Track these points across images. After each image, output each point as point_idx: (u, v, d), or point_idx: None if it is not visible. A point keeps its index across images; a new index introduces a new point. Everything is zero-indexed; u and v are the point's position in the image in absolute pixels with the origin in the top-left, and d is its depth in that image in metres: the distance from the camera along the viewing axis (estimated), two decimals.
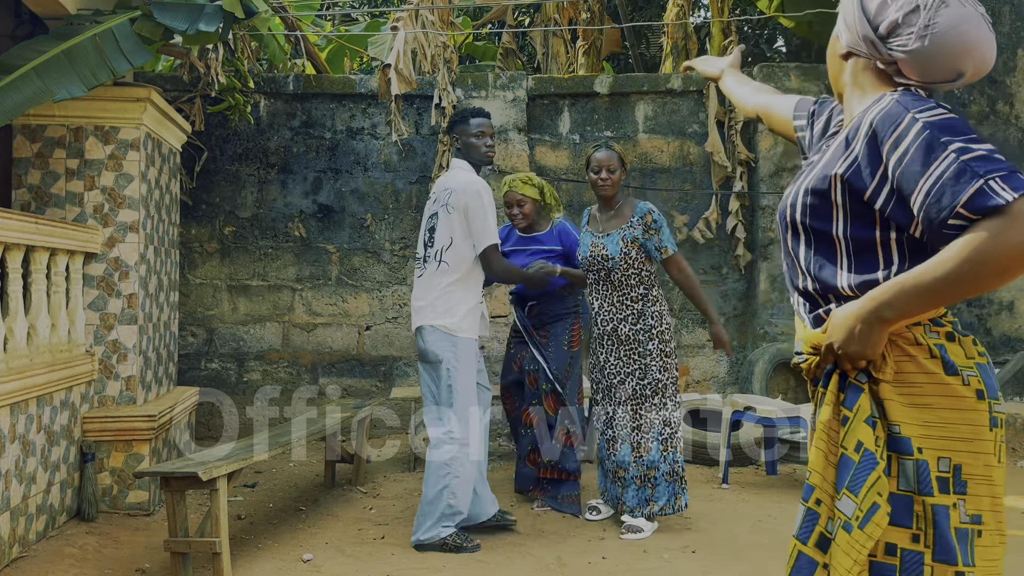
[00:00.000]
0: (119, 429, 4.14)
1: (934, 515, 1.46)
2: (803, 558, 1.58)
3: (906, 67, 1.54)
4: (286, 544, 3.74)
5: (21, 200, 4.30)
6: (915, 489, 1.47)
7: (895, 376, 1.50)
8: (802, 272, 1.65)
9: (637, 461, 3.77)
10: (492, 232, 3.67)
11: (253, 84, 6.11)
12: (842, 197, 1.54)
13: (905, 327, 1.50)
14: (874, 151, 1.48)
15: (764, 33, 10.28)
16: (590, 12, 7.61)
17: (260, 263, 6.21)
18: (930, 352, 1.50)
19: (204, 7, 4.37)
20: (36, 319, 3.81)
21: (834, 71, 1.71)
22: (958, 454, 1.48)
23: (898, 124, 1.45)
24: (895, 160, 1.44)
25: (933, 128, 1.41)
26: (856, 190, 1.52)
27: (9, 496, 3.39)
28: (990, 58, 1.51)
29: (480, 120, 3.82)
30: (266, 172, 6.23)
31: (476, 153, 3.81)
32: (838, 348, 1.51)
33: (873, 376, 1.52)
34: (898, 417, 1.50)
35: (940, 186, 1.37)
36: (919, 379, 1.50)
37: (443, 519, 3.60)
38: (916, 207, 1.42)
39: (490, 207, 3.68)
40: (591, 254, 3.86)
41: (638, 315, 3.80)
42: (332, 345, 6.19)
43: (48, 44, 4.09)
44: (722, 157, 6.16)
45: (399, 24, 5.50)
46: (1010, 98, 6.32)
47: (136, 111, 4.34)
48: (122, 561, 3.51)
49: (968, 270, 1.34)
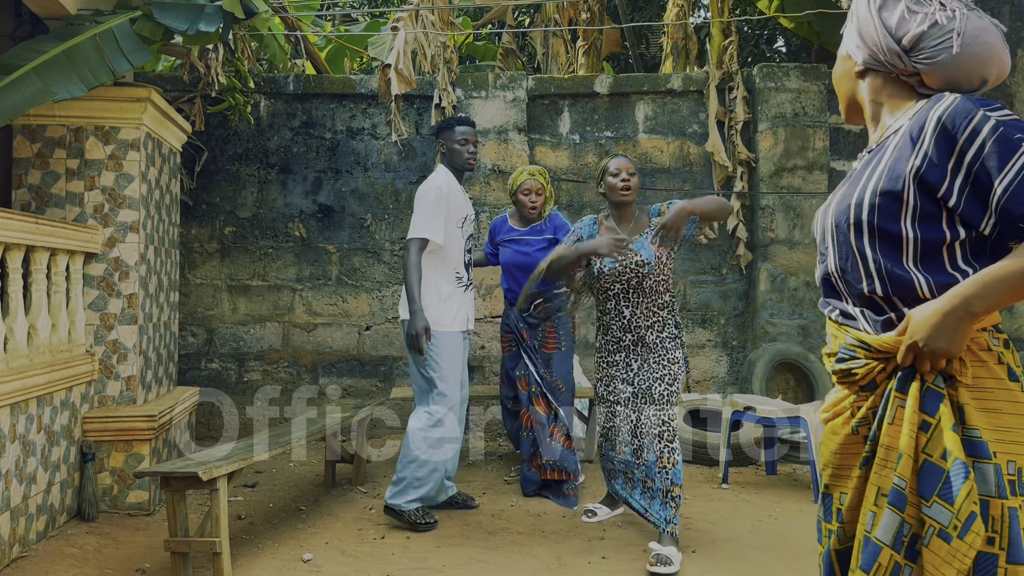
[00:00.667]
0: (119, 429, 4.14)
1: (1009, 518, 1.48)
2: (898, 567, 1.57)
3: (930, 77, 1.59)
4: (286, 544, 3.74)
5: (21, 200, 4.30)
6: (993, 492, 1.49)
7: (972, 380, 1.53)
8: (869, 275, 1.63)
9: (661, 473, 3.60)
10: (426, 227, 3.90)
11: (253, 84, 6.12)
12: (914, 196, 1.55)
13: (979, 331, 1.54)
14: (946, 146, 1.51)
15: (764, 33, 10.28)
16: (590, 12, 7.61)
17: (260, 263, 6.21)
18: (998, 358, 1.54)
19: (204, 7, 4.37)
20: (36, 319, 3.81)
21: (847, 90, 1.75)
22: (1022, 457, 1.50)
23: (971, 119, 1.48)
24: (972, 154, 1.47)
25: (1007, 126, 1.46)
26: (930, 185, 1.53)
27: (9, 496, 3.39)
28: (1008, 64, 1.59)
29: (465, 128, 4.10)
30: (266, 172, 6.23)
31: (458, 159, 4.09)
32: (923, 345, 1.51)
33: (950, 380, 1.53)
34: (977, 422, 1.51)
35: (1020, 182, 1.42)
36: (990, 384, 1.53)
37: (409, 490, 3.91)
38: (994, 201, 1.45)
39: (435, 205, 3.92)
40: (620, 264, 3.68)
41: (663, 323, 3.70)
42: (332, 345, 6.19)
43: (48, 44, 4.09)
44: (722, 157, 6.17)
45: (399, 24, 5.51)
46: (1010, 98, 6.31)
47: (136, 111, 4.34)
48: (122, 561, 3.52)
49: None
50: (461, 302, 4.05)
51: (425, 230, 3.90)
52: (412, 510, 3.93)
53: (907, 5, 1.61)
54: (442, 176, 4.06)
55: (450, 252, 4.02)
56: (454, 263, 4.04)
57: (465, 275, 4.13)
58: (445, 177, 4.06)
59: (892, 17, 1.62)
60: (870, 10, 1.66)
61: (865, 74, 1.70)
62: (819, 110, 6.13)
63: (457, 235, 4.04)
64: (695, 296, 6.28)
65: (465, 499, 4.32)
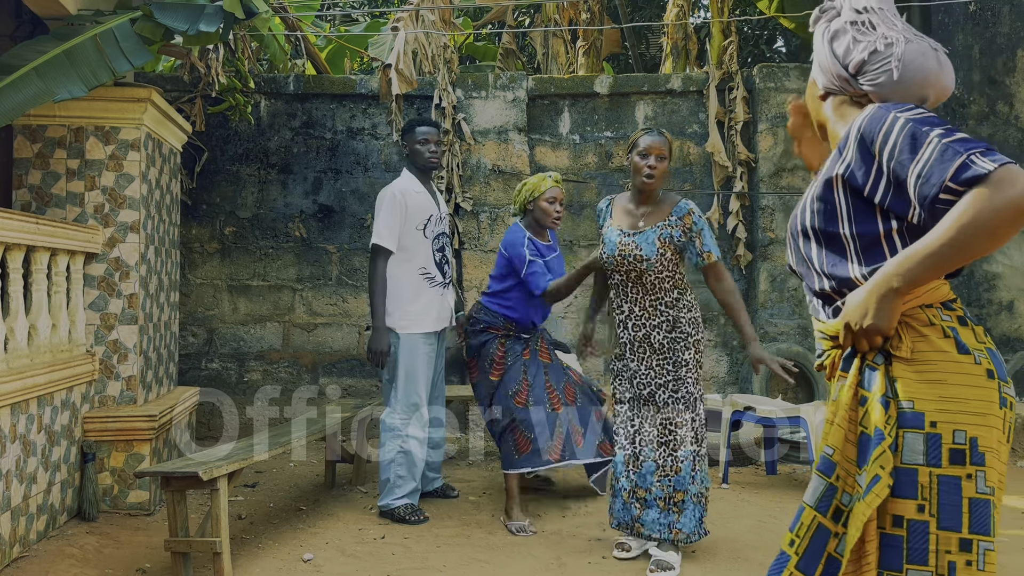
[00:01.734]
0: (120, 429, 4.14)
1: (939, 485, 1.56)
2: (821, 528, 1.70)
3: (876, 97, 1.76)
4: (286, 544, 3.74)
5: (22, 200, 4.30)
6: (924, 461, 1.58)
7: (911, 355, 1.63)
8: (818, 274, 1.79)
9: (662, 480, 3.38)
10: (383, 234, 4.01)
11: (253, 84, 6.12)
12: (844, 197, 1.72)
13: (919, 308, 1.64)
14: (865, 151, 1.67)
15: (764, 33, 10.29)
16: (590, 12, 7.61)
17: (260, 263, 6.21)
18: (943, 332, 1.63)
19: (204, 7, 4.37)
20: (37, 319, 3.81)
21: (815, 111, 1.94)
22: (974, 428, 1.58)
23: (883, 122, 1.64)
24: (887, 153, 1.62)
25: (915, 122, 1.61)
26: (856, 188, 1.69)
27: (10, 496, 3.39)
28: (950, 84, 1.75)
29: (425, 128, 4.17)
30: (266, 172, 6.23)
31: (419, 159, 4.16)
32: (855, 325, 1.64)
33: (889, 357, 1.64)
34: (911, 394, 1.61)
35: (929, 167, 1.55)
36: (934, 357, 1.62)
37: (395, 489, 4.02)
38: (911, 191, 1.59)
39: (389, 211, 4.01)
40: (620, 253, 3.41)
41: (672, 322, 3.41)
42: (332, 345, 6.19)
43: (48, 44, 4.09)
44: (722, 157, 6.17)
45: (399, 24, 5.51)
46: (1010, 98, 6.32)
47: (137, 111, 4.34)
48: (123, 561, 3.52)
49: (963, 234, 1.49)
50: (429, 302, 4.11)
51: (381, 237, 4.02)
52: (401, 506, 4.02)
53: (853, 35, 1.78)
54: (400, 181, 4.16)
55: (414, 253, 4.08)
56: (418, 263, 4.09)
57: (437, 274, 4.16)
58: (403, 182, 4.15)
59: (840, 47, 1.80)
60: (823, 40, 1.85)
61: (826, 97, 1.88)
62: None
63: (418, 237, 4.09)
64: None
65: (445, 489, 4.48)
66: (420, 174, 4.20)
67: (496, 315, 4.09)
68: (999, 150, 6.91)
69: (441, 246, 4.23)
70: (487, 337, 4.08)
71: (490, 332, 4.09)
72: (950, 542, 1.56)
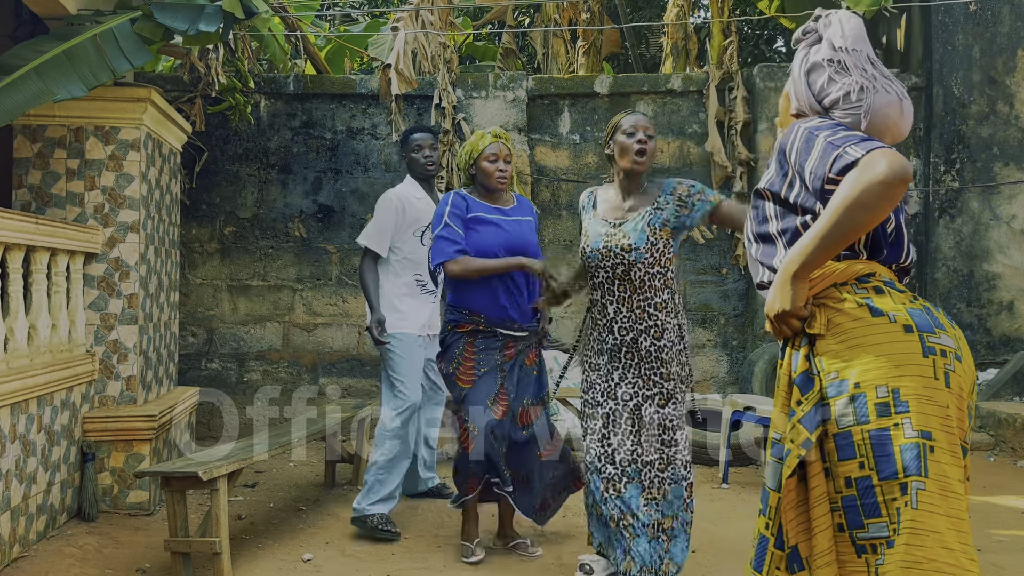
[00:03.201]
0: (119, 429, 4.14)
1: (871, 439, 1.70)
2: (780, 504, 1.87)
3: None
4: (286, 544, 3.74)
5: (22, 200, 4.30)
6: (854, 421, 1.72)
7: (830, 329, 1.79)
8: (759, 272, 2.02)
9: (649, 505, 2.97)
10: (371, 235, 4.03)
11: (253, 84, 6.12)
12: (772, 203, 1.98)
13: (832, 288, 1.83)
14: (782, 159, 1.95)
15: (764, 33, 10.29)
16: (590, 12, 7.61)
17: (260, 263, 6.21)
18: (856, 303, 1.80)
19: (204, 7, 4.37)
20: (37, 319, 3.81)
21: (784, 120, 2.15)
22: (895, 380, 1.71)
23: (794, 135, 1.91)
24: (793, 158, 1.89)
25: (811, 129, 1.88)
26: (775, 193, 1.96)
27: (10, 496, 3.39)
28: (906, 131, 1.97)
29: (419, 135, 4.17)
30: (266, 172, 6.23)
31: (415, 166, 4.16)
32: (771, 313, 1.85)
33: (812, 339, 1.82)
34: (833, 365, 1.77)
35: (815, 164, 1.81)
36: (850, 326, 1.78)
37: (370, 494, 3.85)
38: (808, 186, 1.85)
39: (383, 217, 4.02)
40: (604, 246, 3.02)
41: (661, 328, 3.01)
42: (332, 345, 6.19)
43: (48, 44, 4.09)
44: (722, 157, 6.17)
45: (399, 24, 5.51)
46: (1010, 98, 6.32)
47: (136, 111, 4.34)
48: (122, 561, 3.52)
49: (843, 213, 1.71)
50: (419, 306, 4.09)
51: (369, 238, 4.04)
52: (375, 515, 3.79)
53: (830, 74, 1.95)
54: (401, 187, 4.16)
55: (410, 259, 4.08)
56: (412, 269, 4.09)
57: (430, 282, 4.13)
58: (404, 188, 4.15)
59: (816, 82, 1.99)
60: (800, 72, 2.02)
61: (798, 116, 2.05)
62: None
63: (415, 244, 4.07)
64: (695, 296, 6.28)
65: (441, 488, 4.45)
66: (420, 181, 4.20)
67: (459, 310, 3.50)
68: (999, 150, 6.87)
69: None
70: (454, 337, 3.51)
71: (457, 331, 3.50)
72: (892, 489, 1.67)
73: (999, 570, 3.41)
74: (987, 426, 5.71)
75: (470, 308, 3.48)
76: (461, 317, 3.51)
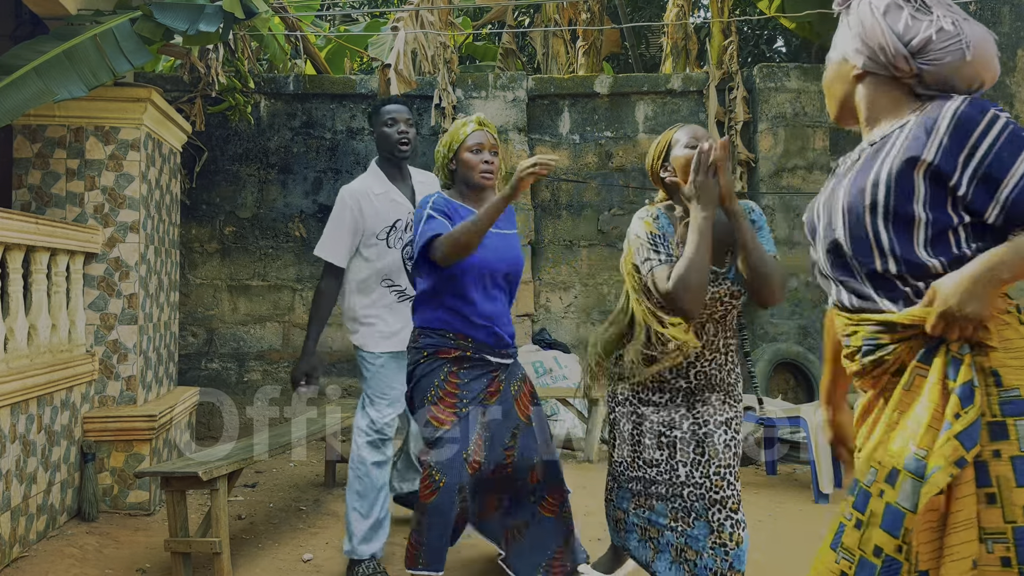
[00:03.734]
0: (119, 429, 4.14)
1: None
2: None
3: (933, 78, 1.71)
4: (286, 544, 3.74)
5: (21, 200, 4.30)
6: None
7: (1000, 343, 1.60)
8: (881, 254, 1.70)
9: (716, 550, 2.58)
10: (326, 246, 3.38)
11: (253, 84, 6.12)
12: (926, 183, 1.65)
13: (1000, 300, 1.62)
14: (961, 139, 1.62)
15: (764, 33, 10.29)
16: (590, 12, 7.62)
17: (260, 263, 6.21)
18: (1019, 319, 1.63)
19: (204, 7, 4.37)
20: (37, 319, 3.81)
21: (840, 92, 1.85)
22: None
23: (984, 115, 1.61)
24: (985, 148, 1.60)
25: (1016, 126, 1.61)
26: (943, 174, 1.63)
27: (10, 496, 3.39)
28: (998, 70, 1.73)
29: (391, 107, 3.51)
30: (266, 172, 6.23)
31: (386, 143, 3.45)
32: (957, 309, 1.57)
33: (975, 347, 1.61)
34: (1015, 381, 1.58)
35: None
36: (1019, 343, 1.61)
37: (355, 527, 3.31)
38: (1003, 195, 1.58)
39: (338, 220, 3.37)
40: (712, 296, 2.56)
41: (725, 355, 2.68)
42: (332, 345, 6.19)
43: (48, 44, 4.09)
44: None
45: (399, 24, 5.51)
46: (1010, 98, 6.32)
47: (136, 111, 4.34)
48: (122, 561, 3.52)
49: None
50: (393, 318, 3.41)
51: (323, 248, 3.39)
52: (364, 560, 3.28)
53: (910, 13, 1.71)
54: (357, 182, 3.47)
55: (375, 263, 3.39)
56: (381, 278, 3.40)
57: (408, 286, 3.43)
58: (360, 183, 3.46)
59: (898, 23, 1.72)
60: (875, 16, 1.74)
61: (863, 77, 1.78)
62: (819, 110, 6.13)
63: (380, 248, 3.37)
64: None
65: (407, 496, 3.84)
66: (388, 166, 3.49)
67: (441, 332, 2.82)
68: None
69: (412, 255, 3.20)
70: (431, 366, 2.81)
71: (439, 358, 2.82)
72: None
73: None
74: None
75: (454, 329, 2.80)
76: (443, 341, 2.80)
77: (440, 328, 2.82)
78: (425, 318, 2.87)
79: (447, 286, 2.80)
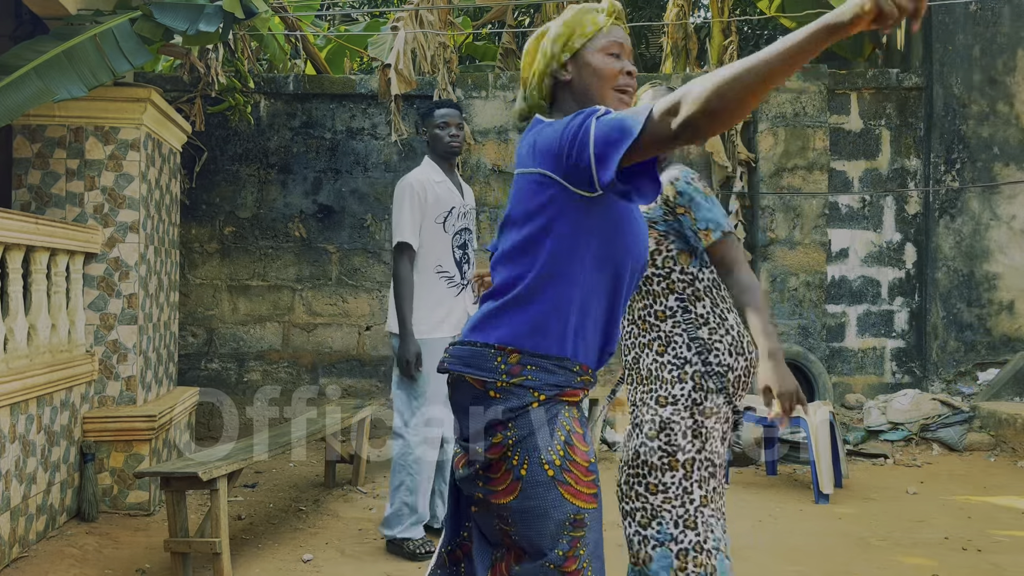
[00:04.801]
0: (119, 429, 4.14)
1: None
2: None
3: None
4: (286, 544, 3.74)
5: (21, 200, 4.30)
6: None
7: None
8: None
9: (631, 572, 2.42)
10: (406, 229, 3.62)
11: (253, 84, 6.12)
12: None
13: None
14: None
15: (764, 33, 10.28)
16: None
17: (260, 263, 6.21)
18: None
19: (204, 7, 4.37)
20: (36, 319, 3.81)
21: None
22: None
23: None
24: None
25: None
26: None
27: (9, 496, 3.39)
28: None
29: (444, 111, 3.80)
30: (266, 172, 6.23)
31: (440, 144, 3.78)
32: None
33: None
34: None
35: None
36: None
37: (400, 517, 3.58)
38: None
39: (409, 205, 3.63)
40: None
41: (666, 340, 2.36)
42: (332, 345, 6.19)
43: (48, 44, 4.09)
44: (722, 157, 6.16)
45: (399, 24, 5.51)
46: (1010, 98, 6.32)
47: (136, 111, 4.34)
48: (122, 561, 3.51)
49: None
50: (444, 304, 3.67)
51: (404, 234, 3.62)
52: (411, 539, 3.58)
53: None
54: (418, 171, 3.78)
55: (430, 249, 3.67)
56: (435, 261, 3.68)
57: (456, 273, 3.73)
58: (421, 171, 3.77)
59: None
60: None
61: None
62: (819, 110, 6.13)
63: (437, 231, 3.68)
64: None
65: None
66: (441, 161, 3.80)
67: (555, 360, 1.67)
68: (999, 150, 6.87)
69: (463, 242, 3.78)
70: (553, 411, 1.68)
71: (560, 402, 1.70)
72: None
73: (999, 570, 3.41)
74: (987, 426, 5.71)
75: (573, 356, 1.69)
76: (568, 378, 1.69)
77: (555, 354, 1.67)
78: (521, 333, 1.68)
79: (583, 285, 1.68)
